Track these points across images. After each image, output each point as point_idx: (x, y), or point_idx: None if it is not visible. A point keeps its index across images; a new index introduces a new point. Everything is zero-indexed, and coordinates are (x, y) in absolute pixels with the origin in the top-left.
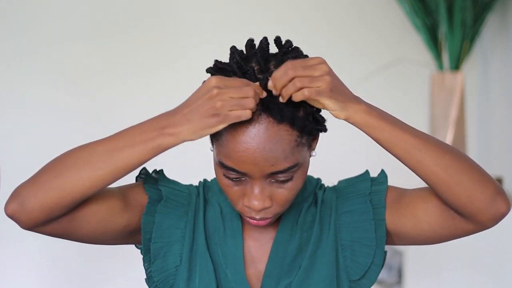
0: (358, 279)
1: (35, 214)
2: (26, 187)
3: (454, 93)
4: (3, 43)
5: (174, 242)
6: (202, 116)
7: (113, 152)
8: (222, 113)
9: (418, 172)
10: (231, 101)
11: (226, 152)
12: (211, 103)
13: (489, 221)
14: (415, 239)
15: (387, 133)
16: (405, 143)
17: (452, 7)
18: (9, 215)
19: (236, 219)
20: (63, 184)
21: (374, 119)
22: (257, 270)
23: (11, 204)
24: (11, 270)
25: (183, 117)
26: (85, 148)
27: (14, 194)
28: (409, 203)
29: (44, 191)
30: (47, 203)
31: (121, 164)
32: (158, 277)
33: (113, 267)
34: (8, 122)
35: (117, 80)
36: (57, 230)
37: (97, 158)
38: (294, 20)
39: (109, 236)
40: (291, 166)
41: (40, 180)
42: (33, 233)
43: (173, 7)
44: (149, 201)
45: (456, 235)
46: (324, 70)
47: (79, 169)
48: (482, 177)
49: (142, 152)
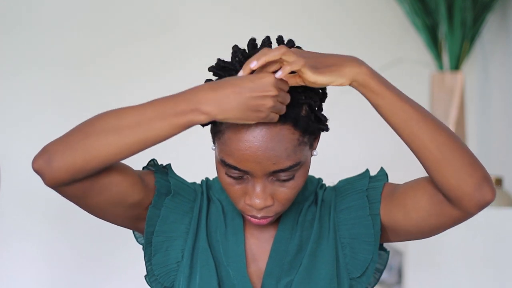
0: (358, 276)
1: (60, 173)
2: (55, 145)
3: (454, 93)
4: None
5: (177, 237)
6: (248, 108)
7: (143, 122)
8: (266, 112)
9: (411, 145)
10: (278, 104)
11: (228, 150)
12: (264, 100)
13: (473, 207)
14: (406, 231)
15: (388, 100)
16: (404, 113)
17: (452, 7)
18: (36, 170)
19: (238, 217)
20: (90, 147)
21: (376, 83)
22: (258, 268)
23: (39, 160)
24: (11, 270)
25: (226, 98)
26: (116, 114)
27: (43, 150)
28: (400, 194)
29: (71, 152)
30: (72, 164)
31: (149, 135)
32: (159, 271)
33: (113, 267)
34: (8, 122)
35: (119, 79)
36: (78, 192)
37: (126, 126)
38: (294, 20)
39: (121, 210)
40: (293, 165)
41: (69, 140)
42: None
43: (174, 7)
44: (157, 194)
45: (443, 223)
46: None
47: (107, 135)
48: (472, 161)
49: (173, 125)
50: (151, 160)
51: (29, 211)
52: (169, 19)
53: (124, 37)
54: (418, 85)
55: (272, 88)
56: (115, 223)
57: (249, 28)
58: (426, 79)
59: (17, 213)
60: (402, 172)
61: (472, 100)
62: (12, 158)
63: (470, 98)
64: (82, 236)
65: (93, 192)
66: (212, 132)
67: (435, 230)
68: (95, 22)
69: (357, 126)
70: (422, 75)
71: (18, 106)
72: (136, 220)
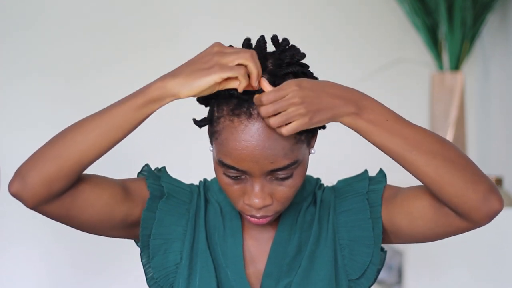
0: (357, 278)
1: (36, 189)
2: (25, 163)
3: (454, 93)
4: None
5: (175, 239)
6: (195, 69)
7: (104, 113)
8: (217, 64)
9: (410, 171)
10: (228, 56)
11: (226, 150)
12: (209, 58)
13: (482, 219)
14: (411, 236)
15: (376, 137)
16: (395, 146)
17: (452, 7)
18: (13, 194)
19: (236, 218)
20: (58, 152)
21: (362, 123)
22: (256, 269)
23: (14, 182)
24: (10, 273)
25: (173, 72)
26: (80, 120)
27: (16, 172)
28: (404, 200)
29: (42, 163)
30: (46, 175)
31: (112, 123)
32: (158, 274)
33: (113, 271)
34: (8, 122)
35: (120, 87)
36: (60, 210)
37: (89, 122)
38: (293, 20)
39: (111, 225)
40: (290, 163)
41: (38, 154)
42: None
43: (172, 7)
44: (150, 197)
45: (451, 232)
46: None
47: (73, 135)
48: (474, 176)
49: (132, 107)
50: (144, 165)
51: (29, 214)
52: (170, 28)
53: (127, 46)
54: (418, 85)
55: (214, 46)
56: (111, 236)
57: (247, 28)
58: (426, 79)
59: (17, 216)
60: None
61: (472, 100)
62: (12, 161)
63: (470, 98)
64: (82, 239)
65: (76, 210)
66: (209, 133)
67: (440, 237)
68: (97, 30)
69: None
70: (422, 75)
71: (19, 109)
72: (131, 229)
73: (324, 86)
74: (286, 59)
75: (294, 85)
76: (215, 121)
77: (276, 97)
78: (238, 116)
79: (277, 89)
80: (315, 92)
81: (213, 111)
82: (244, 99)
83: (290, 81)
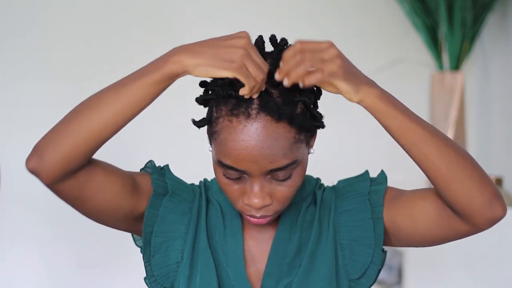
0: (358, 278)
1: (54, 166)
2: (43, 141)
3: (454, 93)
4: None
5: (177, 237)
6: (217, 56)
7: (120, 88)
8: (238, 62)
9: (421, 164)
10: (251, 60)
11: (225, 150)
12: (234, 49)
13: (484, 223)
14: (411, 239)
15: (398, 121)
16: (414, 134)
17: (452, 7)
18: (30, 169)
19: (236, 218)
20: (75, 129)
21: (385, 105)
22: (257, 269)
23: (31, 159)
24: (10, 273)
25: (194, 49)
26: (95, 94)
27: (33, 149)
28: (407, 202)
29: (60, 140)
30: (62, 152)
31: (129, 100)
32: (158, 272)
33: (113, 271)
34: (8, 122)
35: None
36: (74, 190)
37: (105, 98)
38: (293, 19)
39: (118, 215)
40: (290, 163)
41: (54, 131)
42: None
43: (171, 7)
44: (154, 194)
45: (451, 236)
46: (334, 53)
47: (88, 112)
48: (482, 179)
49: (149, 82)
50: (148, 161)
51: (29, 214)
52: (173, 31)
53: (129, 49)
54: (418, 85)
55: (242, 39)
56: (115, 227)
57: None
58: (426, 79)
59: (17, 216)
60: (402, 175)
61: (472, 100)
62: (12, 161)
63: (470, 98)
64: (82, 239)
65: (88, 192)
66: (208, 133)
67: (440, 241)
68: (98, 33)
69: (355, 125)
70: (422, 75)
71: (19, 111)
72: (135, 222)
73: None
74: None
75: (332, 42)
76: (214, 122)
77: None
78: (237, 116)
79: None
80: (349, 62)
81: (211, 111)
82: (243, 99)
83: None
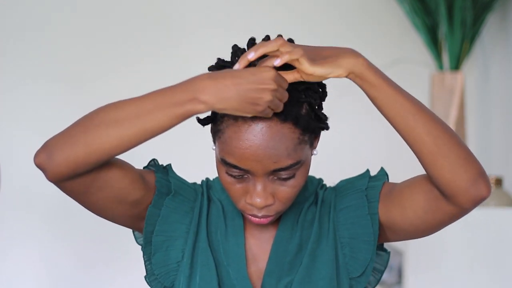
0: (358, 276)
1: (61, 168)
2: (55, 140)
3: (454, 93)
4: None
5: (178, 237)
6: (246, 100)
7: (142, 113)
8: (263, 106)
9: (407, 138)
10: (276, 100)
11: (229, 149)
12: (263, 93)
13: (468, 202)
14: (404, 230)
15: (384, 92)
16: (400, 106)
17: (452, 7)
18: (37, 165)
19: (238, 217)
20: (90, 140)
21: (372, 74)
22: (258, 268)
23: (40, 155)
24: (10, 274)
25: (225, 88)
26: (115, 107)
27: (44, 145)
28: (397, 193)
29: (72, 146)
30: (73, 158)
31: (148, 126)
32: (159, 271)
33: (113, 270)
34: (8, 122)
35: (119, 81)
36: (79, 187)
37: (125, 117)
38: (293, 20)
39: (122, 209)
40: (293, 164)
41: (69, 134)
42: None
43: (174, 7)
44: (157, 193)
45: (439, 220)
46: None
47: (107, 127)
48: (468, 156)
49: (172, 116)
50: (151, 160)
51: (29, 214)
52: (176, 34)
53: (131, 51)
54: (418, 85)
55: (272, 82)
56: (116, 221)
57: (248, 29)
58: (426, 79)
59: (17, 216)
60: (402, 174)
61: (472, 100)
62: (12, 162)
63: (470, 98)
64: (82, 239)
65: (94, 188)
66: (212, 131)
67: (431, 228)
68: (102, 35)
69: (357, 126)
70: (422, 75)
71: (18, 106)
72: (137, 218)
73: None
74: None
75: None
76: (218, 120)
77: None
78: (242, 116)
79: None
80: (311, 47)
81: None
82: None
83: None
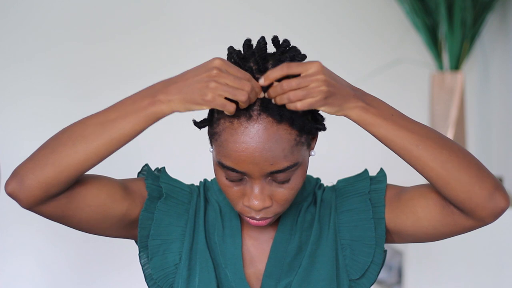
0: (358, 278)
1: (33, 192)
2: (24, 165)
3: (454, 93)
4: (2, 43)
5: (174, 240)
6: (194, 91)
7: (106, 124)
8: (211, 94)
9: (416, 167)
10: (225, 87)
11: (226, 152)
12: (206, 81)
13: (488, 216)
14: (415, 236)
15: (383, 130)
16: (402, 140)
17: (452, 7)
18: (9, 193)
19: (235, 219)
20: (58, 158)
21: (370, 116)
22: (256, 269)
23: (11, 182)
24: (8, 278)
25: (176, 86)
26: (79, 123)
27: (14, 172)
28: (409, 200)
29: (41, 167)
30: (44, 179)
31: (115, 135)
32: (157, 275)
33: (112, 279)
34: (8, 122)
35: (118, 81)
36: (56, 210)
37: (91, 131)
38: (293, 20)
39: (109, 224)
40: (290, 165)
41: (37, 157)
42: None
43: (172, 8)
44: (149, 198)
45: (456, 231)
46: (320, 80)
47: (74, 143)
48: (480, 172)
49: (135, 121)
50: (144, 165)
51: (26, 218)
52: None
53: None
54: (418, 85)
55: (213, 69)
56: (110, 236)
57: (247, 29)
58: (426, 79)
59: (13, 218)
60: (401, 172)
61: (472, 100)
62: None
63: (470, 98)
64: (79, 243)
65: (72, 210)
66: (209, 134)
67: (445, 237)
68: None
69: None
70: (422, 75)
71: (18, 106)
72: (129, 228)
73: (339, 76)
74: (287, 60)
75: (319, 65)
76: (215, 123)
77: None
78: (238, 118)
79: (301, 64)
80: (335, 77)
81: (213, 112)
82: None
83: (313, 61)
